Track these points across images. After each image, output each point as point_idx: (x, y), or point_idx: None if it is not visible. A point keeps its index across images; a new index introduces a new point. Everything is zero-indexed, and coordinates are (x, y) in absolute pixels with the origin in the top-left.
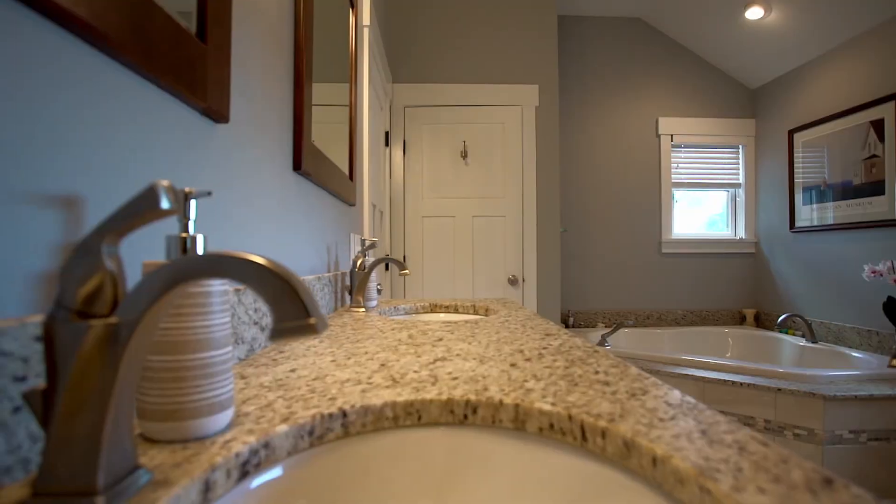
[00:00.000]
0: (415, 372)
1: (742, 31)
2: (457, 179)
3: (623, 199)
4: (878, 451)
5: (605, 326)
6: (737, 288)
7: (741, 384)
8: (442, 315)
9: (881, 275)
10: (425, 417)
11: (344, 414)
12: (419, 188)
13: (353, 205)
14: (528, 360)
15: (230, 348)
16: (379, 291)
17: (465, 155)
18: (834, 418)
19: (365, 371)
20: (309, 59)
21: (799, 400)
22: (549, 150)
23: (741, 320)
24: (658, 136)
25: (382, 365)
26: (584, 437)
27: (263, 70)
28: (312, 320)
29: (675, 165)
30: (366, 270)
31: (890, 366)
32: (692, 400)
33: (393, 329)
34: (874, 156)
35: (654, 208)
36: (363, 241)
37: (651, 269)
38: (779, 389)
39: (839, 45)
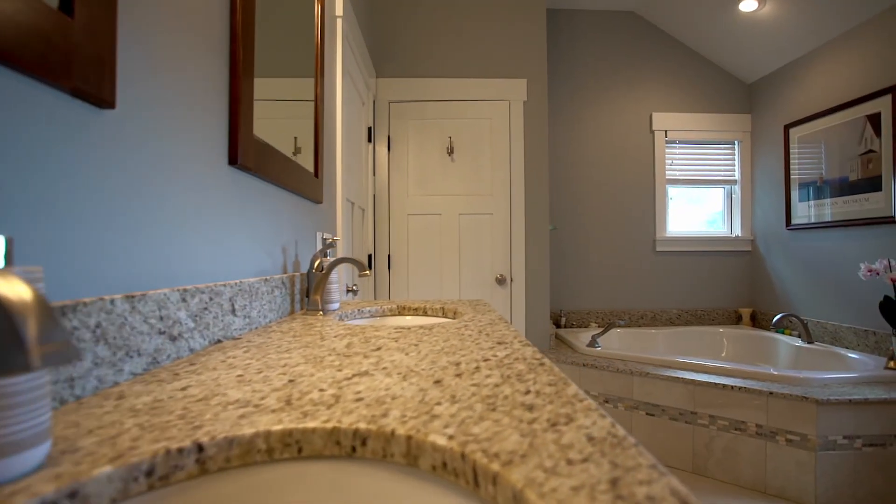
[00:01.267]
0: (320, 391)
1: (737, 25)
2: (443, 176)
3: (617, 197)
4: (874, 458)
5: (599, 326)
6: (733, 287)
7: (732, 387)
8: (409, 318)
9: (877, 273)
10: (307, 449)
11: (200, 448)
12: (404, 185)
13: (319, 202)
14: (458, 375)
15: (41, 374)
16: (354, 292)
17: (451, 151)
18: (827, 423)
19: (264, 390)
20: (248, 49)
21: (791, 404)
22: (538, 145)
23: (737, 320)
24: (652, 131)
25: (291, 381)
26: (476, 482)
27: (182, 56)
28: (34, 355)
29: (670, 162)
30: (324, 271)
31: (886, 367)
32: (621, 433)
33: (336, 336)
34: (870, 151)
35: (649, 206)
36: (324, 240)
37: (645, 267)
38: (770, 393)
39: (835, 37)
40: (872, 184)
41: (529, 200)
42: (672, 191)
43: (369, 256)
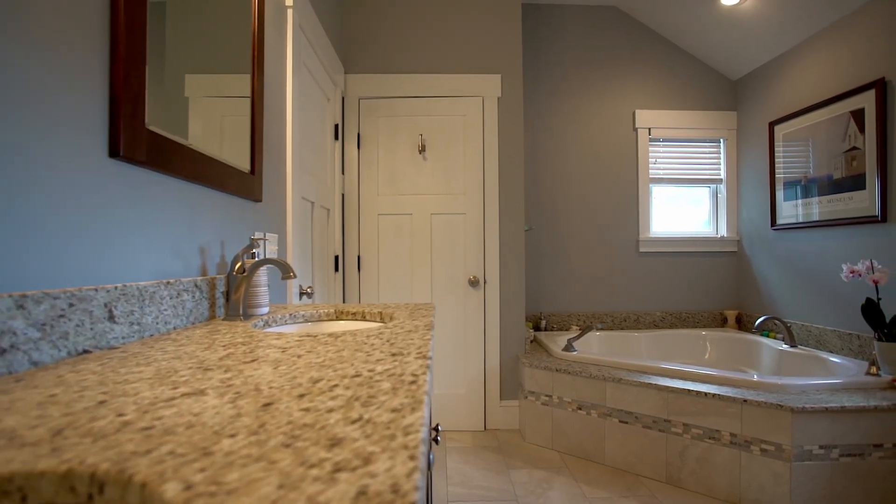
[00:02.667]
0: (118, 416)
1: (720, 19)
2: (415, 175)
3: (599, 196)
4: (851, 468)
5: (580, 329)
6: (718, 289)
7: (706, 394)
8: (342, 323)
9: (860, 275)
10: (33, 498)
11: None
12: (374, 184)
13: (258, 201)
14: (301, 395)
15: None
16: (308, 295)
17: (422, 149)
18: (802, 432)
19: (54, 415)
20: (136, 28)
21: (765, 412)
22: (513, 142)
23: (723, 322)
24: (635, 129)
25: (101, 402)
26: None
27: (28, 32)
28: None
29: (654, 160)
30: (245, 273)
31: (868, 373)
32: (407, 487)
33: (225, 345)
34: (854, 148)
35: (632, 206)
36: (251, 240)
37: (629, 269)
38: (745, 400)
39: (819, 31)
40: (856, 182)
41: (504, 200)
42: (656, 190)
43: (336, 258)
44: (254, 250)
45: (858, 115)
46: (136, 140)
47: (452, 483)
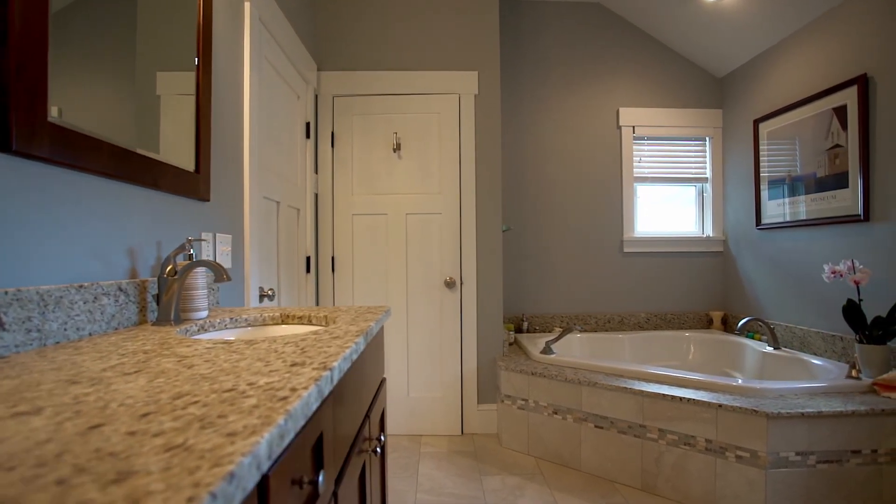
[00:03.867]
0: None
1: (704, 15)
2: (389, 174)
3: (582, 196)
4: (829, 475)
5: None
6: (704, 289)
7: (681, 399)
8: (285, 327)
9: (841, 275)
10: None
11: None
12: (349, 184)
13: (205, 200)
14: (146, 415)
15: None
16: (269, 297)
17: (397, 148)
18: (778, 438)
19: None
20: (31, 13)
21: (741, 417)
22: (491, 141)
23: (708, 323)
24: (619, 127)
25: None
26: None
27: None
28: None
29: (638, 159)
30: (176, 276)
31: (849, 376)
32: None
33: (123, 354)
34: (837, 146)
35: (616, 205)
36: (187, 240)
37: (612, 269)
38: (720, 406)
39: (804, 25)
40: (839, 180)
41: (481, 199)
42: (641, 189)
43: (307, 259)
44: (191, 251)
45: (841, 112)
46: (33, 134)
47: (422, 490)
